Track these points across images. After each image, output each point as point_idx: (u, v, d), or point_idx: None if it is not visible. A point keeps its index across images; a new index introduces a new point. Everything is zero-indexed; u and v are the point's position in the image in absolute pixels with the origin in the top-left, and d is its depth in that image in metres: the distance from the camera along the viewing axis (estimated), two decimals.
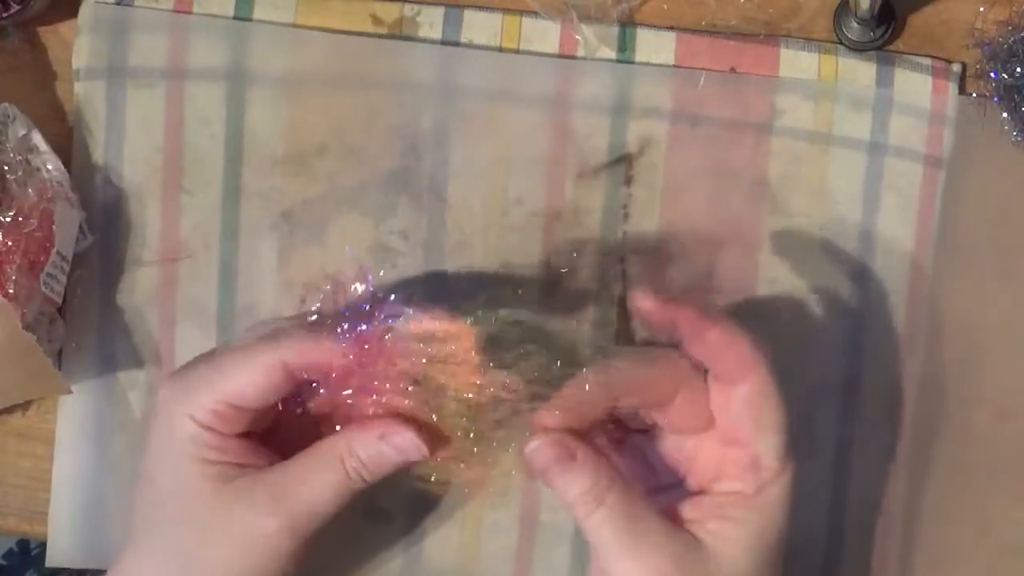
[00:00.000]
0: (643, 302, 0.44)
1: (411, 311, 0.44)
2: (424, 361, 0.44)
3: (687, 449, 0.47)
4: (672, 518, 0.45)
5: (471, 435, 0.45)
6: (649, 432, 0.49)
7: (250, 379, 0.44)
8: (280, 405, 0.47)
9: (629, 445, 0.50)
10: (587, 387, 0.44)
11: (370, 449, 0.44)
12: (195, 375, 0.45)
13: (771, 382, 0.45)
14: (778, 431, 0.45)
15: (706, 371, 0.46)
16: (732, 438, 0.45)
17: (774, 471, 0.44)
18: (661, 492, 0.48)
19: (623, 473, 0.45)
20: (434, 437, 0.45)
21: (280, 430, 0.48)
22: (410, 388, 0.44)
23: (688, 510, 0.45)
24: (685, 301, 0.45)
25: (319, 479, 0.44)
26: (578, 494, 0.44)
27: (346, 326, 0.44)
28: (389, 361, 0.44)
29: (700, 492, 0.46)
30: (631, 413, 0.48)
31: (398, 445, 0.44)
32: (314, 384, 0.46)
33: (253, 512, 0.44)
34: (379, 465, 0.44)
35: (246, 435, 0.46)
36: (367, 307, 0.44)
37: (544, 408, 0.44)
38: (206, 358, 0.46)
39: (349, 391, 0.45)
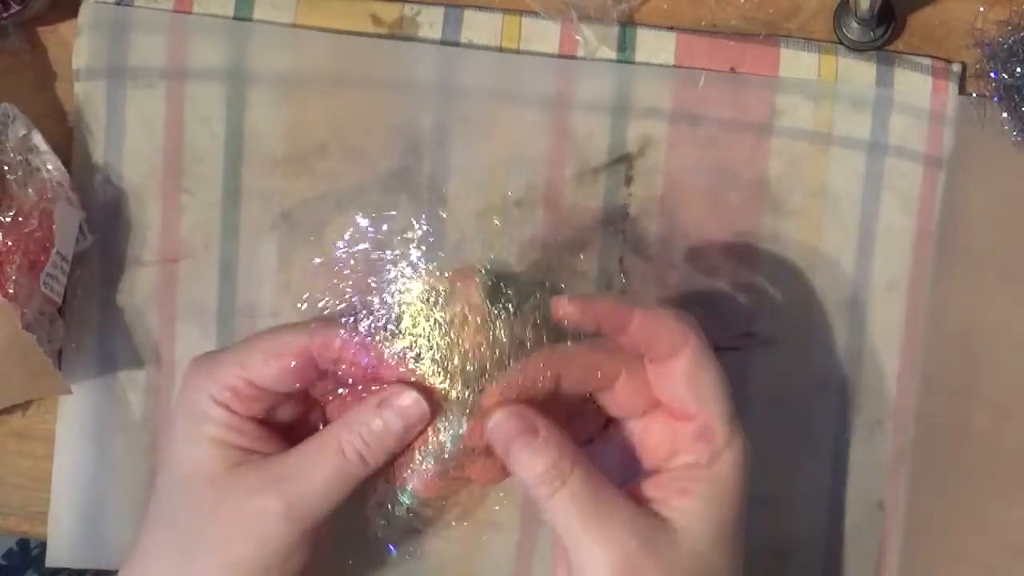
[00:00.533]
0: (562, 308, 0.43)
1: (420, 271, 0.45)
2: (431, 324, 0.44)
3: (637, 432, 0.47)
4: (639, 502, 0.44)
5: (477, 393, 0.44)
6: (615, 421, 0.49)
7: (272, 359, 0.44)
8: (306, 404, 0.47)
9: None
10: (530, 368, 0.43)
11: (369, 422, 0.44)
12: (218, 354, 0.46)
13: (705, 350, 0.44)
14: (721, 398, 0.44)
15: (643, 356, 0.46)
16: (679, 414, 0.45)
17: (724, 436, 0.44)
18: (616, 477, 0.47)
19: (583, 452, 0.44)
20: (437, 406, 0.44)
21: (303, 428, 0.48)
22: (416, 360, 0.44)
23: (647, 489, 0.44)
24: (600, 296, 0.46)
25: (317, 463, 0.44)
26: (540, 472, 0.42)
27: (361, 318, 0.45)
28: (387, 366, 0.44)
29: (656, 472, 0.46)
30: (596, 399, 0.47)
31: (398, 408, 0.44)
32: (339, 389, 0.46)
33: (251, 495, 0.44)
34: (380, 440, 0.44)
35: (264, 423, 0.46)
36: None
37: (489, 389, 0.44)
38: (232, 344, 0.47)
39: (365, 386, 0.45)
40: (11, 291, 0.49)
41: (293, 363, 0.44)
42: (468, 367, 0.44)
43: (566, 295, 0.44)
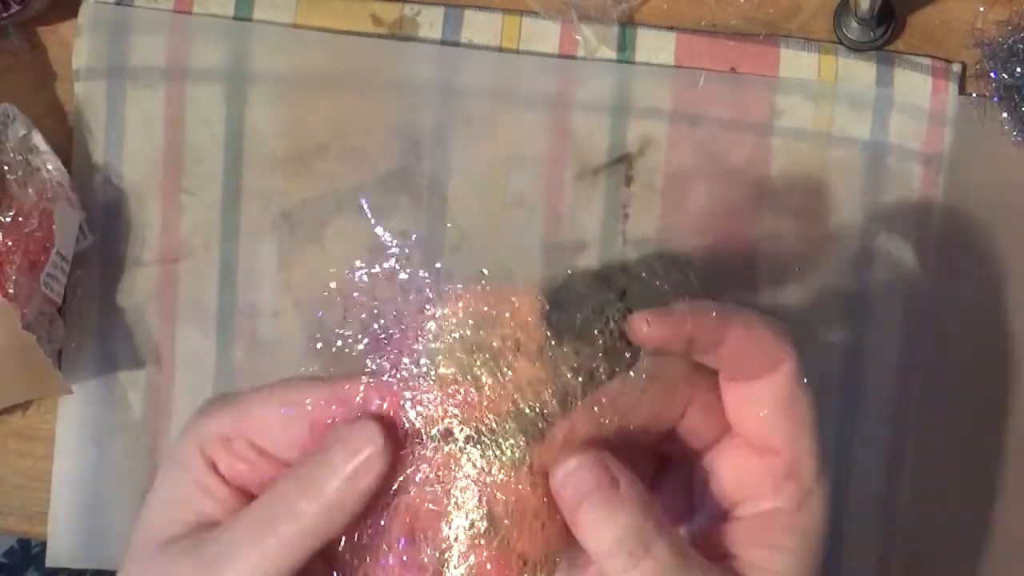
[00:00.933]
0: (643, 328, 0.35)
1: (450, 288, 0.35)
2: (473, 357, 0.34)
3: (701, 471, 0.39)
4: (709, 558, 0.36)
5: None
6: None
7: (276, 414, 0.36)
8: None
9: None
10: (597, 407, 0.35)
11: (334, 476, 0.34)
12: (219, 401, 0.37)
13: (802, 372, 0.37)
14: (813, 427, 0.37)
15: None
16: (762, 446, 0.37)
17: (813, 474, 0.37)
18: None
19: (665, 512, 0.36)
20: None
21: None
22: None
23: (723, 543, 0.37)
24: (689, 310, 0.36)
25: (258, 545, 0.34)
26: (616, 539, 0.33)
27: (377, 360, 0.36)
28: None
29: (726, 517, 0.38)
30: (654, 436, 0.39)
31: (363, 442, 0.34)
32: None
33: None
34: (352, 494, 0.34)
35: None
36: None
37: (551, 434, 0.35)
38: (246, 389, 0.38)
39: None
40: (11, 291, 0.50)
41: (299, 424, 0.36)
42: (524, 408, 0.34)
43: (645, 312, 0.36)
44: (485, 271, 0.37)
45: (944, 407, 0.55)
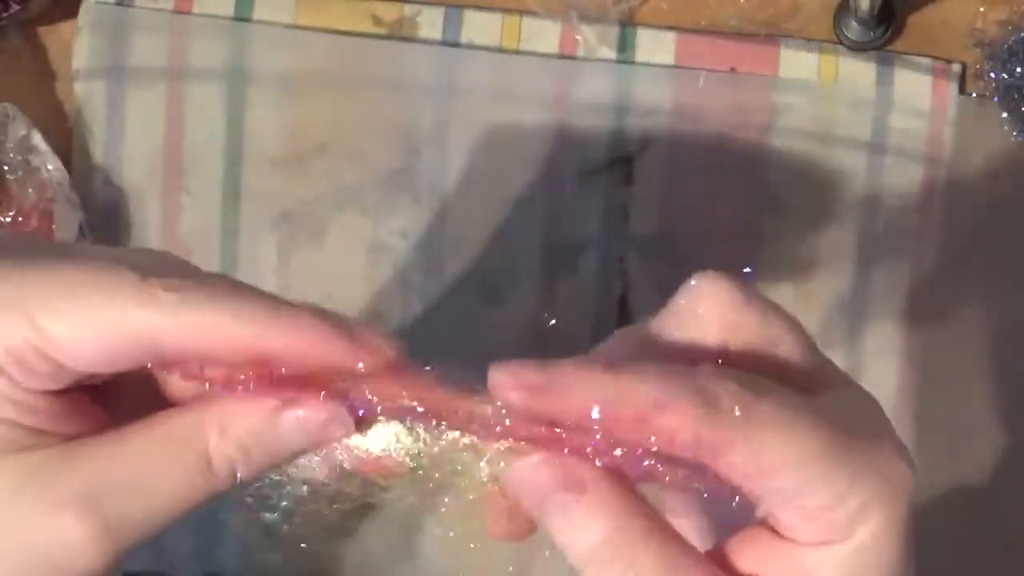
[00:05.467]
0: (506, 388, 0.28)
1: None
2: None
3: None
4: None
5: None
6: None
7: (92, 335, 0.27)
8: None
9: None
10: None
11: (261, 431, 0.29)
12: (10, 283, 0.28)
13: (909, 526, 0.27)
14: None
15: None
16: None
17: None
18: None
19: (660, 515, 0.29)
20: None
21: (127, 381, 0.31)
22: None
23: (745, 559, 0.29)
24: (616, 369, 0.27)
25: (164, 472, 0.29)
26: (590, 548, 0.28)
27: None
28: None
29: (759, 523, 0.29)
30: None
31: (308, 421, 0.29)
32: None
33: (51, 509, 0.28)
34: (269, 455, 0.29)
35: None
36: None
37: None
38: (40, 256, 0.28)
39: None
40: None
41: (128, 349, 0.27)
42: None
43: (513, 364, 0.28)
44: None
45: (944, 406, 0.55)
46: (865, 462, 0.27)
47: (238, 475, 0.29)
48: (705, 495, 0.27)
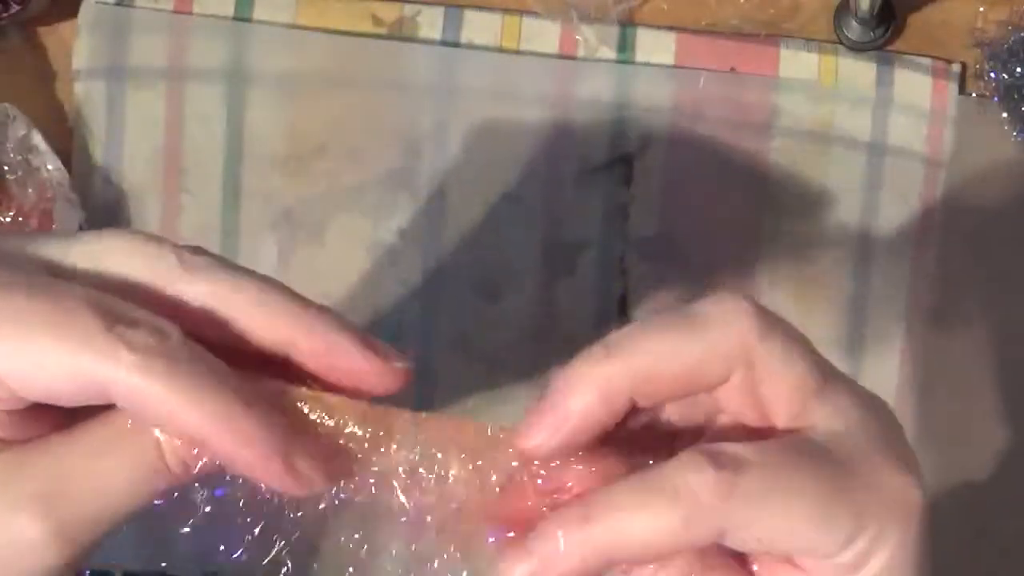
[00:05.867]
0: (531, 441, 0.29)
1: None
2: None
3: None
4: None
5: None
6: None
7: (45, 377, 0.27)
8: None
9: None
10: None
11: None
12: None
13: (925, 541, 0.28)
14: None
15: None
16: None
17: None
18: None
19: None
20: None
21: None
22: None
23: None
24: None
25: (115, 468, 0.28)
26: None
27: None
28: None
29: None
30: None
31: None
32: None
33: (5, 512, 0.28)
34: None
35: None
36: None
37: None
38: (5, 285, 0.27)
39: None
40: None
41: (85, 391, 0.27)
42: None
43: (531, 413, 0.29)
44: None
45: (944, 407, 0.55)
46: (868, 495, 0.27)
47: (193, 468, 0.29)
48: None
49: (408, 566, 0.31)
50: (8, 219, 0.50)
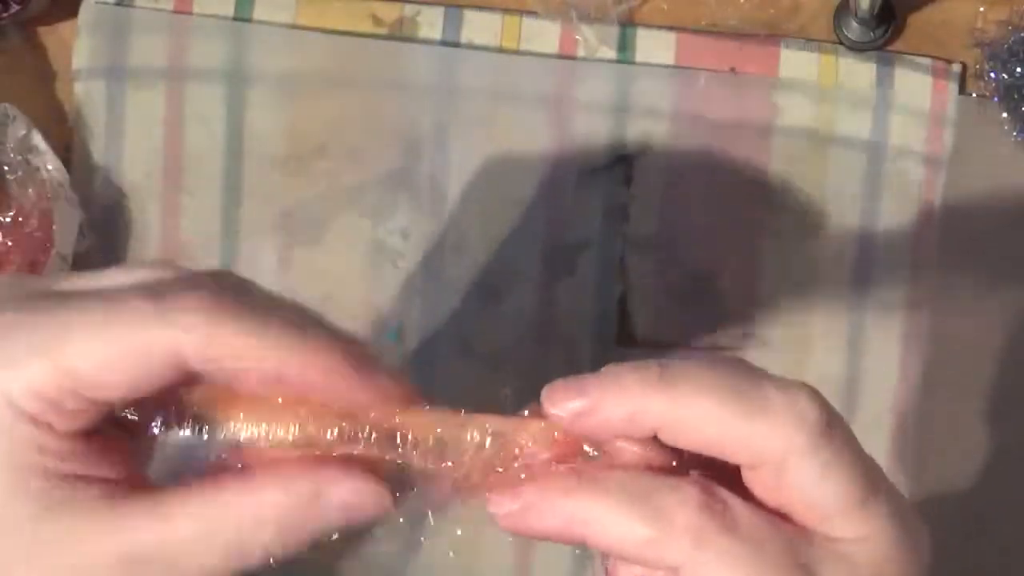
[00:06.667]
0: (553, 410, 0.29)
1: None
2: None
3: None
4: None
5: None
6: None
7: (116, 357, 0.27)
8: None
9: None
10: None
11: (298, 514, 0.29)
12: (24, 331, 0.27)
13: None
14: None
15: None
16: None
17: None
18: None
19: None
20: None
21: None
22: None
23: None
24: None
25: (196, 552, 0.28)
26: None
27: None
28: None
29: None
30: None
31: (347, 502, 0.29)
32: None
33: (88, 569, 0.28)
34: (305, 533, 0.29)
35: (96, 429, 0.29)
36: None
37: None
38: (46, 304, 0.28)
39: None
40: None
41: (152, 367, 0.27)
42: None
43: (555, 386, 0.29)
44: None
45: (943, 407, 0.55)
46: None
47: (271, 559, 0.29)
48: None
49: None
50: (8, 219, 0.50)
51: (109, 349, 0.27)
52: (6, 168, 0.51)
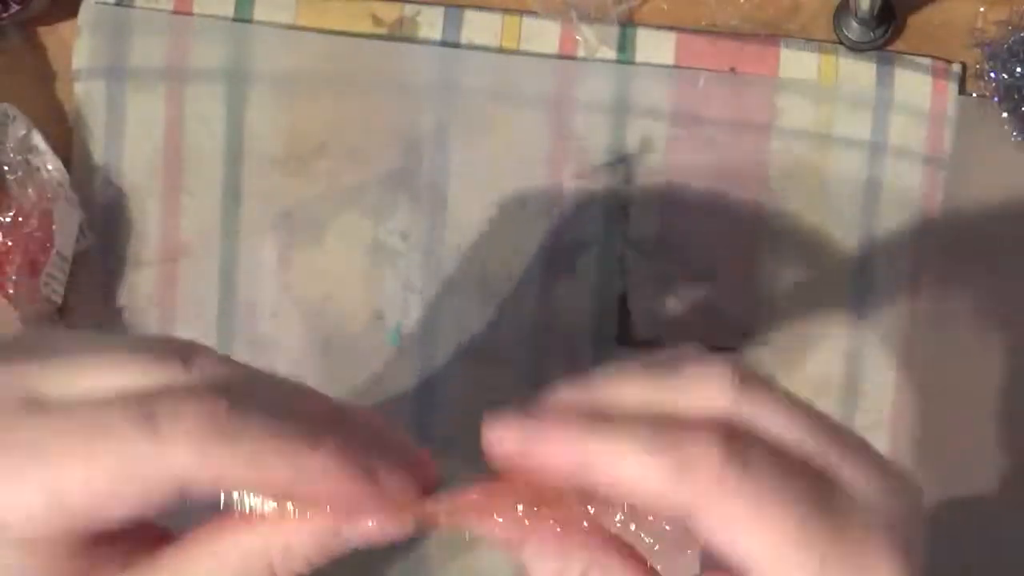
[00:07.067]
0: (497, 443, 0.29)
1: None
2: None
3: None
4: None
5: None
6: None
7: (107, 491, 0.26)
8: None
9: None
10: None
11: (323, 544, 0.30)
12: (17, 448, 0.26)
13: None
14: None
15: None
16: None
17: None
18: None
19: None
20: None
21: None
22: None
23: None
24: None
25: None
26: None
27: None
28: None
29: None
30: None
31: (370, 533, 0.30)
32: None
33: None
34: (329, 556, 0.30)
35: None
36: None
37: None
38: (31, 423, 0.26)
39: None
40: (11, 291, 0.50)
41: (148, 497, 0.26)
42: None
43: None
44: None
45: (943, 407, 0.55)
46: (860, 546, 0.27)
47: None
48: None
49: None
50: (8, 219, 0.50)
51: (100, 484, 0.26)
52: (6, 168, 0.51)
